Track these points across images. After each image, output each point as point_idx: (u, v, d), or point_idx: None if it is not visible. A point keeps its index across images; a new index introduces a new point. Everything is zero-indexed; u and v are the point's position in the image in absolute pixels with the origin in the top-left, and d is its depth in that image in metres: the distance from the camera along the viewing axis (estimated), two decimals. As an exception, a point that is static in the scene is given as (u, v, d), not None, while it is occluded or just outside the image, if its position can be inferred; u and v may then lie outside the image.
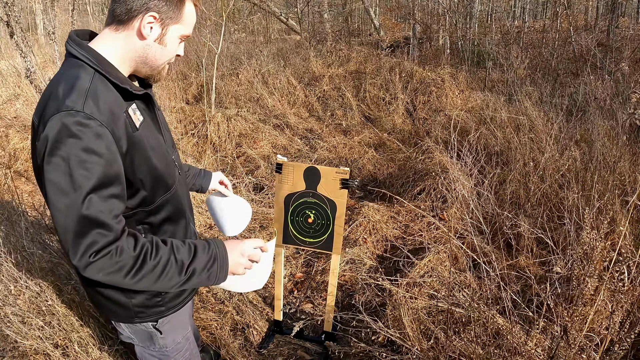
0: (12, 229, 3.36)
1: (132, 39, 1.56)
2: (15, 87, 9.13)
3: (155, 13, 1.53)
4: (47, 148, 1.35)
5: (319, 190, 2.92)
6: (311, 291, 3.88)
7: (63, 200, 1.36)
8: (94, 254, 1.38)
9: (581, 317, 2.39)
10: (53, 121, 1.36)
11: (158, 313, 1.82)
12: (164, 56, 1.64)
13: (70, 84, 1.43)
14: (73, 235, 1.37)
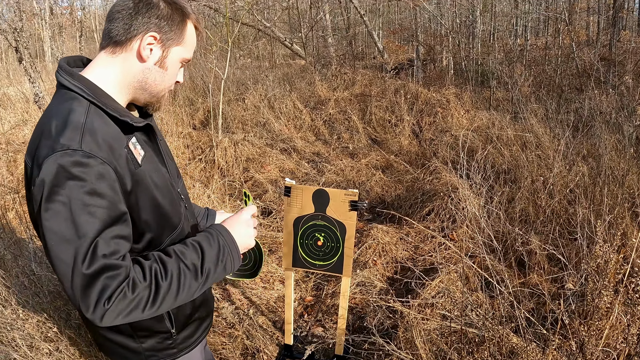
0: (20, 252, 3.37)
1: (131, 62, 1.43)
2: (23, 113, 9.22)
3: (156, 33, 1.42)
4: (43, 194, 1.22)
5: (328, 212, 2.91)
6: (322, 314, 3.85)
7: (66, 249, 1.21)
8: (106, 300, 1.22)
9: (597, 331, 2.37)
10: (48, 163, 1.21)
11: (170, 355, 1.70)
12: (164, 81, 1.50)
13: (63, 120, 1.29)
14: (81, 287, 1.21)
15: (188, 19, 1.48)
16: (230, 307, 3.82)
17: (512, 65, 10.27)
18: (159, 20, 1.41)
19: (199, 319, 1.76)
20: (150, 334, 1.61)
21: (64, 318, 2.83)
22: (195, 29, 1.53)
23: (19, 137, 7.71)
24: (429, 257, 4.36)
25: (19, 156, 6.64)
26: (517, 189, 4.80)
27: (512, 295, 2.74)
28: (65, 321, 2.81)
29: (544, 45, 12.98)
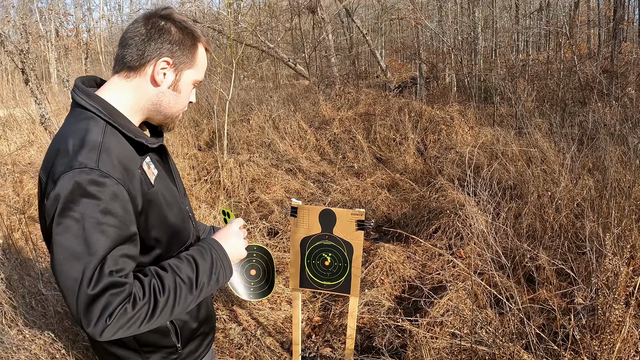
0: (27, 273, 3.37)
1: (145, 87, 1.47)
2: (29, 134, 9.28)
3: (169, 58, 1.46)
4: (57, 208, 1.24)
5: (334, 232, 2.90)
6: (330, 335, 3.83)
7: (75, 265, 1.23)
8: (108, 317, 1.24)
9: (609, 346, 2.34)
10: (65, 179, 1.24)
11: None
12: (178, 104, 1.54)
13: (80, 138, 1.32)
14: (86, 303, 1.22)
15: (199, 42, 1.52)
16: (238, 328, 3.80)
17: (514, 80, 10.29)
18: (171, 45, 1.45)
19: (203, 333, 1.77)
20: (156, 349, 1.60)
21: (72, 339, 2.82)
22: (205, 51, 1.57)
23: (25, 158, 7.76)
24: (436, 275, 4.34)
25: (25, 177, 6.67)
26: (524, 205, 4.78)
27: (522, 312, 2.72)
28: (72, 342, 2.81)
29: (546, 59, 13.02)
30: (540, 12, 13.95)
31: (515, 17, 14.93)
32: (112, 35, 27.40)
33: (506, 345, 2.55)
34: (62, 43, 17.83)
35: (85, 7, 30.05)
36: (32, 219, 6.12)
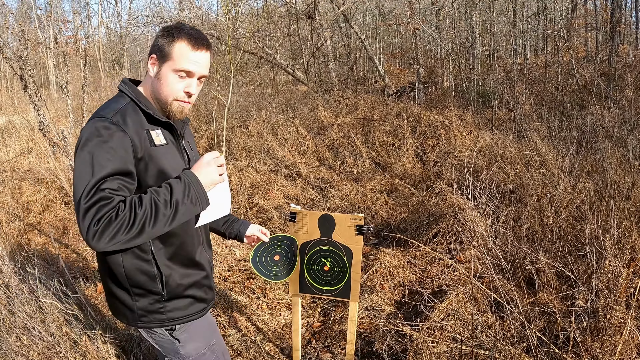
0: (26, 280, 3.36)
1: (149, 77, 1.92)
2: (28, 141, 9.27)
3: (154, 54, 1.88)
4: (79, 145, 1.70)
5: (334, 237, 2.89)
6: (330, 340, 3.81)
7: (81, 185, 1.64)
8: (96, 222, 1.59)
9: (610, 348, 2.33)
10: (88, 124, 1.73)
11: (159, 321, 1.96)
12: (164, 90, 1.89)
13: (107, 104, 1.83)
14: (83, 212, 1.61)
15: (176, 39, 1.86)
16: (237, 334, 3.78)
17: (513, 84, 10.30)
18: (156, 44, 1.89)
19: (193, 297, 2.03)
20: (144, 292, 1.91)
21: (71, 345, 2.81)
22: (188, 44, 1.88)
23: (24, 165, 7.75)
24: (436, 280, 4.33)
25: (24, 184, 6.67)
26: (523, 208, 4.78)
27: (523, 315, 2.71)
28: (71, 347, 2.79)
29: (544, 63, 13.03)
30: (538, 15, 13.96)
31: (513, 21, 14.96)
32: (111, 43, 27.41)
33: (507, 349, 2.54)
34: (60, 50, 17.85)
35: (84, 15, 30.07)
36: (31, 225, 6.11)
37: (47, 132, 6.98)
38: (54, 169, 6.58)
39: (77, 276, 4.48)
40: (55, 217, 6.29)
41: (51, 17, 21.46)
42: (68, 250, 5.38)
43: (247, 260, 4.97)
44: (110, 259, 1.85)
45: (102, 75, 16.46)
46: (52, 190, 6.52)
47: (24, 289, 3.23)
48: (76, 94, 11.66)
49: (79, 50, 13.32)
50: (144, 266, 1.88)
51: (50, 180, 6.59)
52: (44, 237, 5.80)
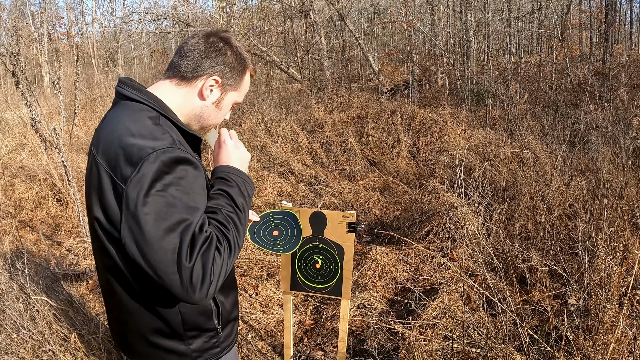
0: (16, 277, 3.34)
1: (192, 97, 1.63)
2: (21, 137, 9.22)
3: (219, 77, 1.62)
4: (144, 188, 1.35)
5: (325, 235, 2.88)
6: (322, 338, 3.80)
7: (170, 237, 1.35)
8: (210, 274, 1.37)
9: (603, 346, 2.32)
10: (149, 161, 1.36)
11: (214, 355, 1.75)
12: (216, 119, 1.71)
13: (144, 125, 1.46)
14: (189, 274, 1.35)
15: (247, 69, 1.70)
16: (229, 333, 3.77)
17: (507, 83, 10.30)
18: (224, 66, 1.62)
19: (235, 318, 1.84)
20: (199, 333, 1.66)
21: (62, 342, 2.79)
22: (250, 77, 1.74)
23: (16, 162, 7.71)
24: (429, 278, 4.32)
25: (16, 180, 6.62)
26: (516, 206, 4.77)
27: (515, 313, 2.70)
28: (61, 345, 2.77)
29: (538, 62, 13.05)
30: (532, 15, 14.00)
31: (507, 20, 14.97)
32: (105, 39, 27.31)
33: (499, 347, 2.54)
34: (53, 46, 17.77)
35: (77, 11, 29.97)
36: (23, 222, 6.08)
37: (39, 128, 6.95)
38: (46, 165, 6.55)
39: (68, 273, 4.45)
40: (48, 214, 6.25)
41: (45, 13, 21.37)
42: (59, 247, 5.35)
43: (239, 258, 4.95)
44: (163, 310, 1.58)
45: (96, 71, 16.38)
46: (44, 187, 6.48)
47: (14, 286, 3.20)
48: (69, 91, 11.63)
49: (72, 46, 13.25)
50: (202, 304, 1.64)
51: (42, 177, 6.55)
52: (36, 234, 5.77)
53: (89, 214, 1.55)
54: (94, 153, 1.51)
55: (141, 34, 19.30)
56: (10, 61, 6.43)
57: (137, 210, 1.34)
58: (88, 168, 1.56)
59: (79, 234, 5.65)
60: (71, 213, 6.07)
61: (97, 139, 1.53)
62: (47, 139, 6.88)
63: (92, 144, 1.54)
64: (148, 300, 1.58)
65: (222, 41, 1.63)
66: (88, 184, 1.54)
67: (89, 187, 1.53)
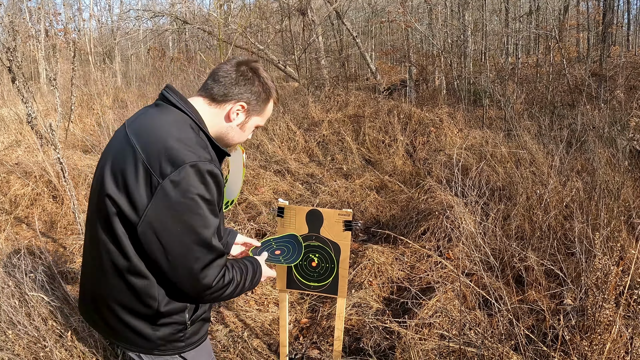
0: (12, 273, 3.32)
1: (220, 118, 1.84)
2: (17, 134, 9.18)
3: (245, 104, 1.84)
4: (180, 191, 1.58)
5: (322, 233, 2.87)
6: (317, 336, 3.79)
7: (191, 237, 1.62)
8: (220, 279, 1.71)
9: (599, 346, 2.32)
10: (189, 168, 1.59)
11: (178, 348, 1.87)
12: (239, 139, 1.94)
13: (188, 135, 1.69)
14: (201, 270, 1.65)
15: (271, 97, 1.93)
16: (225, 329, 3.76)
17: (504, 83, 10.31)
18: (250, 94, 1.84)
19: (205, 319, 1.98)
20: (169, 322, 1.81)
21: (57, 339, 2.78)
22: (273, 104, 1.97)
23: (12, 158, 7.67)
24: (425, 277, 4.32)
25: (12, 177, 6.59)
26: (513, 206, 4.78)
27: (511, 313, 2.70)
28: (57, 342, 2.76)
29: (535, 62, 13.07)
30: (530, 15, 14.00)
31: (505, 20, 14.98)
32: (102, 36, 27.24)
33: (495, 347, 2.53)
34: (50, 43, 17.74)
35: (75, 7, 29.86)
36: (19, 219, 6.05)
37: (35, 125, 6.91)
38: (42, 162, 6.52)
39: (64, 270, 4.43)
40: (43, 211, 6.23)
41: (42, 10, 21.30)
42: (55, 244, 5.33)
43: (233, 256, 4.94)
44: (145, 293, 1.74)
45: (93, 68, 16.33)
46: (40, 184, 6.45)
47: (9, 282, 3.19)
48: (65, 87, 11.57)
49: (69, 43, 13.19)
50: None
51: (38, 174, 6.52)
52: (32, 231, 5.74)
53: (101, 189, 1.70)
54: (133, 143, 1.67)
55: (138, 32, 19.24)
56: (6, 57, 6.40)
57: (171, 206, 1.58)
58: (117, 149, 1.74)
59: (74, 231, 5.63)
60: (67, 210, 6.05)
61: (137, 131, 1.72)
62: (43, 136, 6.85)
63: (130, 133, 1.72)
64: (135, 280, 1.72)
65: (251, 71, 1.85)
66: (112, 164, 1.70)
67: (113, 167, 1.69)
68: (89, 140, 8.45)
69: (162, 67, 15.26)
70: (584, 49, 15.16)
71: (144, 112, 1.84)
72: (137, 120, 1.80)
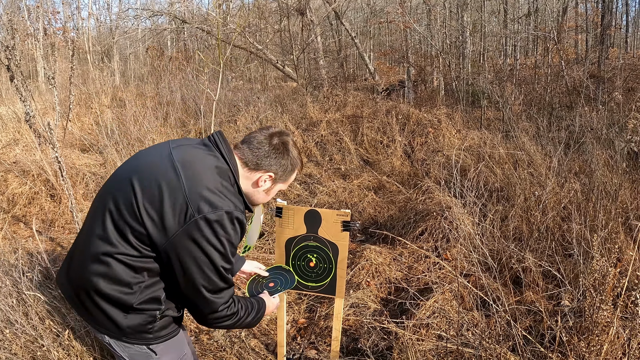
0: (9, 273, 3.32)
1: (249, 181, 2.06)
2: (15, 132, 9.16)
3: (273, 174, 2.06)
4: (211, 230, 1.79)
5: (320, 233, 2.87)
6: (315, 337, 3.79)
7: (212, 271, 1.85)
8: (225, 308, 1.96)
9: (596, 347, 2.32)
10: (224, 212, 1.80)
11: (145, 339, 1.99)
12: (263, 200, 2.17)
13: (227, 187, 1.90)
14: (212, 295, 1.90)
15: (297, 169, 2.16)
16: (222, 329, 3.76)
17: (502, 84, 10.32)
18: (278, 167, 2.06)
19: (176, 319, 2.11)
20: (141, 312, 1.92)
21: (54, 338, 2.78)
22: (299, 173, 2.23)
23: (10, 157, 7.65)
24: (423, 277, 4.32)
25: (10, 176, 6.57)
26: (511, 207, 4.78)
27: (509, 314, 2.70)
28: (54, 341, 2.76)
29: (534, 64, 13.07)
30: (529, 17, 14.01)
31: (504, 21, 15.00)
32: (100, 35, 27.20)
33: (492, 347, 2.54)
34: (49, 41, 17.69)
35: (73, 6, 29.80)
36: (16, 218, 6.04)
37: (33, 123, 6.91)
38: (40, 161, 6.51)
39: (61, 269, 4.42)
40: (41, 210, 6.22)
41: (40, 8, 21.25)
42: (53, 243, 5.32)
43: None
44: (131, 286, 1.88)
45: (91, 67, 16.31)
46: (37, 183, 6.44)
47: (7, 281, 3.19)
48: (64, 86, 11.54)
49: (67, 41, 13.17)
50: (158, 293, 1.94)
51: (36, 172, 6.51)
52: (29, 230, 5.73)
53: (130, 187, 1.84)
54: (178, 170, 1.85)
55: (137, 31, 19.19)
56: (5, 55, 6.39)
57: (199, 240, 1.79)
58: (157, 163, 1.90)
59: (72, 230, 5.63)
60: (65, 209, 6.04)
61: (182, 161, 1.89)
62: (41, 134, 6.84)
63: (176, 159, 1.89)
64: (129, 278, 1.86)
65: (282, 145, 2.06)
66: (149, 173, 1.86)
67: (150, 176, 1.85)
68: (87, 139, 8.44)
69: (160, 66, 15.24)
70: (583, 51, 15.17)
71: (191, 144, 2.01)
72: (184, 150, 1.96)
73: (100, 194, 1.98)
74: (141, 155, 2.01)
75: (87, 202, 6.26)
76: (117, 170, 2.02)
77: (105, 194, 1.93)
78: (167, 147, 1.97)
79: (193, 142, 2.04)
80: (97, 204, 1.94)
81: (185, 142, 2.02)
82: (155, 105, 10.53)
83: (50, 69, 9.35)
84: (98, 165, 7.44)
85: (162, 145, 2.02)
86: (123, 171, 1.96)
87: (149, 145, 7.30)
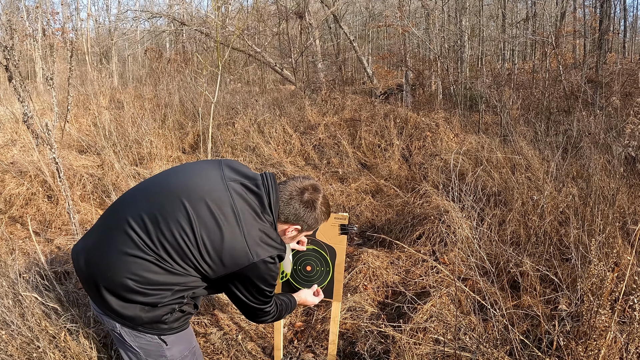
0: (5, 274, 3.31)
1: (281, 231, 2.26)
2: (12, 133, 9.15)
3: (299, 226, 2.25)
4: (256, 273, 2.06)
5: (317, 236, 2.87)
6: (312, 340, 3.78)
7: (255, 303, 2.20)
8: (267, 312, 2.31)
9: (594, 352, 2.32)
10: (268, 261, 2.05)
11: (159, 329, 2.08)
12: (288, 242, 2.38)
13: (274, 236, 2.11)
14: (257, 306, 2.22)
15: (321, 222, 2.33)
16: (219, 332, 3.75)
17: (500, 88, 10.33)
18: (304, 222, 2.23)
19: (189, 314, 2.20)
20: (165, 305, 2.03)
21: (50, 340, 2.77)
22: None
23: (7, 157, 7.64)
24: (420, 281, 4.32)
25: (7, 176, 6.56)
26: (508, 211, 4.78)
27: (506, 318, 2.70)
28: (50, 342, 2.75)
29: (532, 68, 13.10)
30: (527, 21, 14.05)
31: (502, 26, 15.03)
32: (99, 36, 27.18)
33: (490, 352, 2.53)
34: (48, 42, 17.70)
35: (72, 7, 29.81)
36: (13, 219, 6.03)
37: (31, 124, 6.88)
38: (38, 162, 6.50)
39: (58, 270, 4.42)
40: (38, 211, 6.20)
41: (39, 9, 21.25)
42: (50, 244, 5.31)
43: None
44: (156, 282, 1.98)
45: (90, 68, 16.28)
46: (35, 184, 6.43)
47: (3, 282, 3.18)
48: (62, 87, 11.55)
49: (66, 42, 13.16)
50: (185, 293, 2.08)
51: (33, 173, 6.49)
52: (26, 231, 5.72)
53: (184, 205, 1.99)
54: (237, 210, 2.03)
55: (136, 32, 19.20)
56: (3, 55, 6.37)
57: (256, 276, 2.07)
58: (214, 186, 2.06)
59: (69, 232, 5.61)
60: (62, 210, 6.02)
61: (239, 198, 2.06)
62: (39, 135, 6.82)
63: (232, 193, 2.06)
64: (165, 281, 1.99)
65: (311, 204, 2.21)
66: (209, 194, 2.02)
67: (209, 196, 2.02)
68: (85, 140, 8.43)
69: (158, 68, 15.22)
70: (581, 56, 15.22)
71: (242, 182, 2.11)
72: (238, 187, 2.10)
73: (143, 195, 2.11)
74: (189, 174, 2.13)
75: (84, 204, 6.25)
76: (162, 180, 2.15)
77: (151, 202, 2.04)
78: (219, 169, 2.13)
79: (246, 182, 2.13)
80: (141, 204, 2.05)
81: (238, 179, 2.13)
82: (154, 107, 10.52)
83: (48, 69, 9.34)
84: (96, 166, 7.43)
85: (214, 164, 2.17)
86: (170, 185, 2.09)
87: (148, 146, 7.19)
